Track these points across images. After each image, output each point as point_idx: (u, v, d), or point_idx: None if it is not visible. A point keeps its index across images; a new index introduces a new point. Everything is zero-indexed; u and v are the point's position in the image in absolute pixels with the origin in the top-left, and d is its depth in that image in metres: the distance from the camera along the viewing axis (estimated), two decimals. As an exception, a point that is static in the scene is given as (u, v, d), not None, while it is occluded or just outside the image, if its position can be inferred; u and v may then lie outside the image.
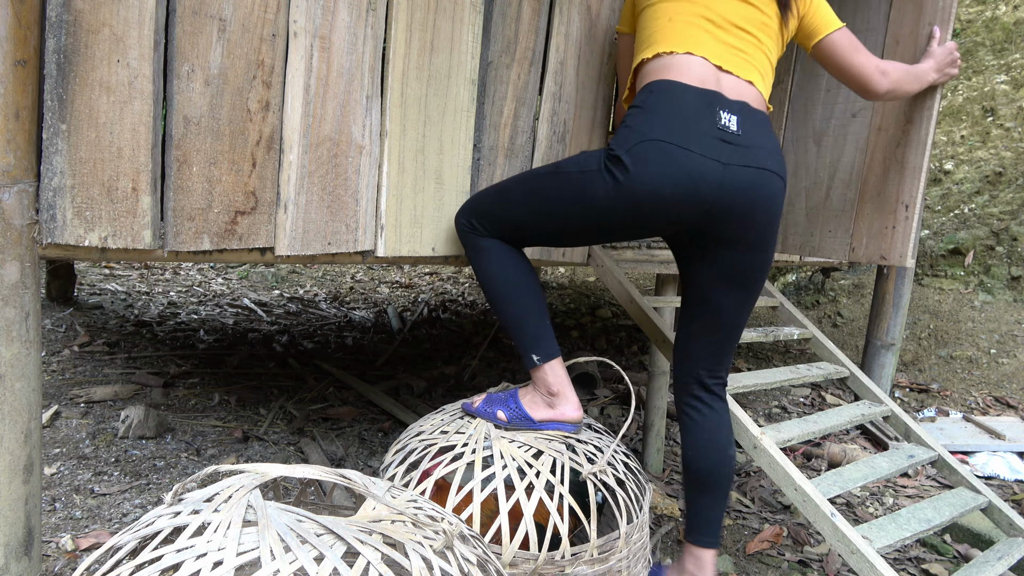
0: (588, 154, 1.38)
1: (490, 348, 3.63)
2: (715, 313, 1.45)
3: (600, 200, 1.33)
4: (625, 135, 1.32)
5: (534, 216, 1.42)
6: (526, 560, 1.23)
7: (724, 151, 1.30)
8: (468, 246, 1.51)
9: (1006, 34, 5.60)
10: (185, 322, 3.69)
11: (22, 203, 1.08)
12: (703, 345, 1.49)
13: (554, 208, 1.39)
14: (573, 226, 1.40)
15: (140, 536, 0.85)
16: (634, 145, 1.29)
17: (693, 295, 1.48)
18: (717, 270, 1.41)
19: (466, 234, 1.51)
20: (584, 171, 1.35)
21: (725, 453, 1.49)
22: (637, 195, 1.30)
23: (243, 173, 1.32)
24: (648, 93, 1.36)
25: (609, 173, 1.31)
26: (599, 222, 1.37)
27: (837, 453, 2.55)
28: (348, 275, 5.44)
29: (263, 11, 1.29)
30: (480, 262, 1.49)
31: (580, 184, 1.35)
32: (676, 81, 1.35)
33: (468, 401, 1.55)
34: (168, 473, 2.07)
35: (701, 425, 1.50)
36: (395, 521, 0.93)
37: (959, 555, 2.05)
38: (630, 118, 1.34)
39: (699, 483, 1.49)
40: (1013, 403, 3.13)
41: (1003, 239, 4.08)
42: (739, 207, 1.33)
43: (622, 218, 1.35)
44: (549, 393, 1.46)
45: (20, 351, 1.11)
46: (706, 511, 1.49)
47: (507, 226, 1.45)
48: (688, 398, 1.53)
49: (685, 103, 1.32)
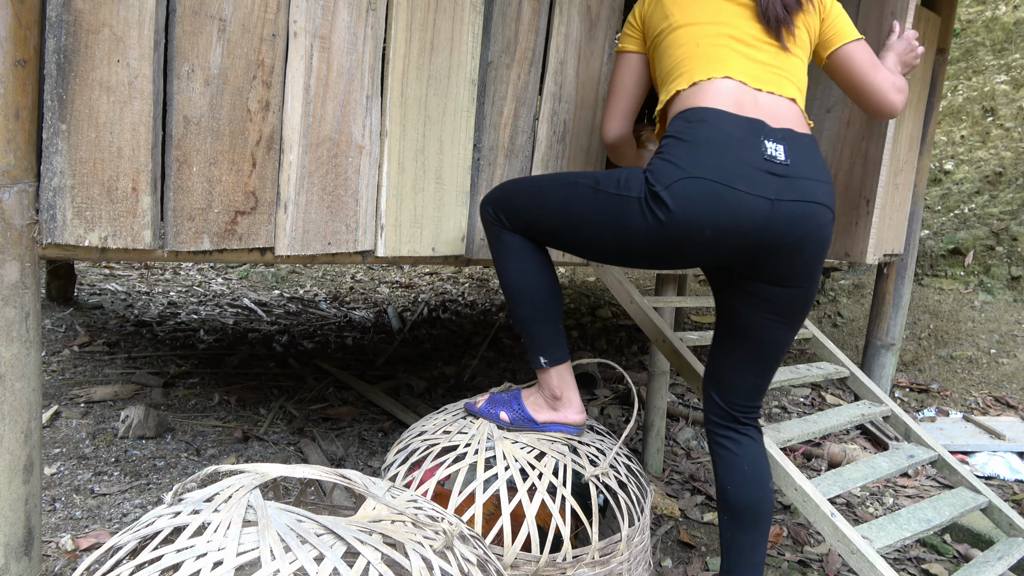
0: (630, 174, 1.28)
1: (490, 348, 3.63)
2: (759, 346, 1.38)
3: (637, 231, 1.25)
4: (665, 169, 1.22)
5: (564, 226, 1.34)
6: (527, 562, 1.23)
7: (772, 185, 1.22)
8: (491, 237, 1.45)
9: (1006, 34, 5.60)
10: (185, 322, 3.69)
11: (22, 203, 1.08)
12: (744, 379, 1.42)
13: (586, 224, 1.31)
14: (604, 247, 1.33)
15: (140, 536, 0.85)
16: (675, 182, 1.20)
17: (734, 328, 1.40)
18: (762, 304, 1.34)
19: (491, 225, 1.44)
20: (623, 196, 1.26)
21: (767, 486, 1.43)
22: (676, 234, 1.23)
23: (243, 173, 1.32)
24: (685, 123, 1.27)
25: (648, 208, 1.23)
26: (632, 250, 1.30)
27: (837, 453, 2.55)
28: (348, 275, 5.44)
29: (263, 11, 1.29)
30: (501, 256, 1.43)
31: (618, 207, 1.26)
32: (715, 108, 1.26)
33: (471, 401, 1.54)
34: (168, 473, 2.07)
35: (742, 457, 1.43)
36: (395, 521, 0.93)
37: (959, 555, 2.05)
38: (669, 149, 1.25)
39: (740, 518, 1.42)
40: (1013, 403, 3.13)
41: (1003, 239, 4.08)
42: (787, 243, 1.25)
43: (658, 253, 1.28)
44: (553, 396, 1.44)
45: (20, 351, 1.11)
46: (749, 553, 1.42)
47: (534, 228, 1.39)
48: (724, 431, 1.45)
49: (727, 132, 1.24)
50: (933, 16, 2.89)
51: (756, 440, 1.45)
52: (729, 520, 1.44)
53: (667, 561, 1.89)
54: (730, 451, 1.44)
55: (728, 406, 1.44)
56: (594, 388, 3.11)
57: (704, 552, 1.96)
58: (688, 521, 2.11)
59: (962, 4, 6.05)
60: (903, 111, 2.83)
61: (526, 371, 3.32)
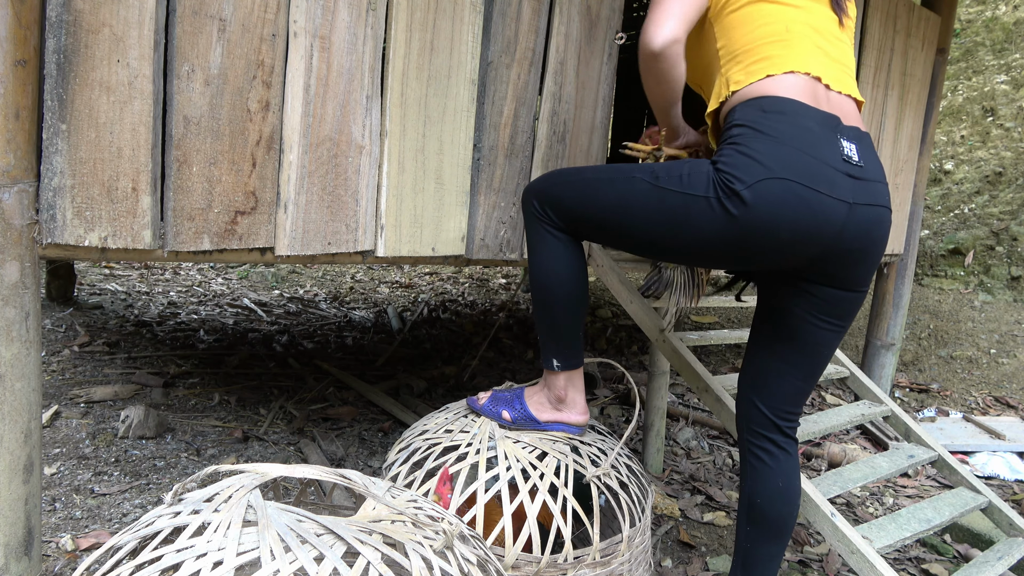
0: (692, 169, 1.20)
1: (490, 348, 3.63)
2: (811, 348, 1.33)
3: (703, 229, 1.18)
4: (745, 166, 1.14)
5: (622, 224, 1.26)
6: (528, 563, 1.23)
7: (849, 188, 1.17)
8: (532, 231, 1.38)
9: (1006, 34, 5.60)
10: (185, 322, 3.69)
11: (22, 203, 1.08)
12: (792, 383, 1.35)
13: (647, 223, 1.24)
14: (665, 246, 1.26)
15: (140, 536, 0.85)
16: (759, 182, 1.13)
17: (784, 329, 1.34)
18: (819, 306, 1.29)
19: (533, 219, 1.37)
20: (688, 194, 1.18)
21: (797, 502, 1.38)
22: (750, 234, 1.16)
23: (243, 173, 1.32)
24: (761, 112, 1.18)
25: (721, 205, 1.15)
26: (697, 248, 1.23)
27: (837, 453, 2.55)
28: (348, 275, 5.44)
29: (263, 11, 1.29)
30: (540, 254, 1.36)
31: (682, 205, 1.19)
32: (794, 100, 1.19)
33: (474, 398, 1.53)
34: (168, 473, 2.07)
35: (777, 471, 1.37)
36: (395, 521, 0.93)
37: (959, 555, 2.05)
38: (746, 141, 1.16)
39: (768, 531, 1.37)
40: (1013, 403, 3.13)
41: (1003, 239, 4.08)
42: (857, 247, 1.21)
43: (724, 252, 1.21)
44: (558, 399, 1.43)
45: (20, 351, 1.11)
46: (767, 563, 1.38)
47: (585, 225, 1.31)
48: (762, 441, 1.38)
49: (808, 128, 1.17)
50: (933, 16, 2.89)
51: (792, 454, 1.39)
52: (751, 531, 1.39)
53: (667, 561, 1.89)
54: (766, 464, 1.38)
55: (772, 413, 1.37)
56: (595, 388, 3.11)
57: (704, 552, 1.96)
58: (688, 521, 2.11)
59: (962, 4, 6.05)
60: (903, 111, 2.83)
61: (526, 371, 3.32)
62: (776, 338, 1.35)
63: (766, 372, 1.37)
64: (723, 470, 2.48)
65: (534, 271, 1.38)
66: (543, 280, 1.37)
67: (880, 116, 2.70)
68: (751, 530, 1.39)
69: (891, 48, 2.68)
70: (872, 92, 2.64)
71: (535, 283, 1.39)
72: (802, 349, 1.33)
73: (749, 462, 1.40)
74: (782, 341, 1.34)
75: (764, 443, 1.38)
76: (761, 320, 1.39)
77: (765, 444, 1.38)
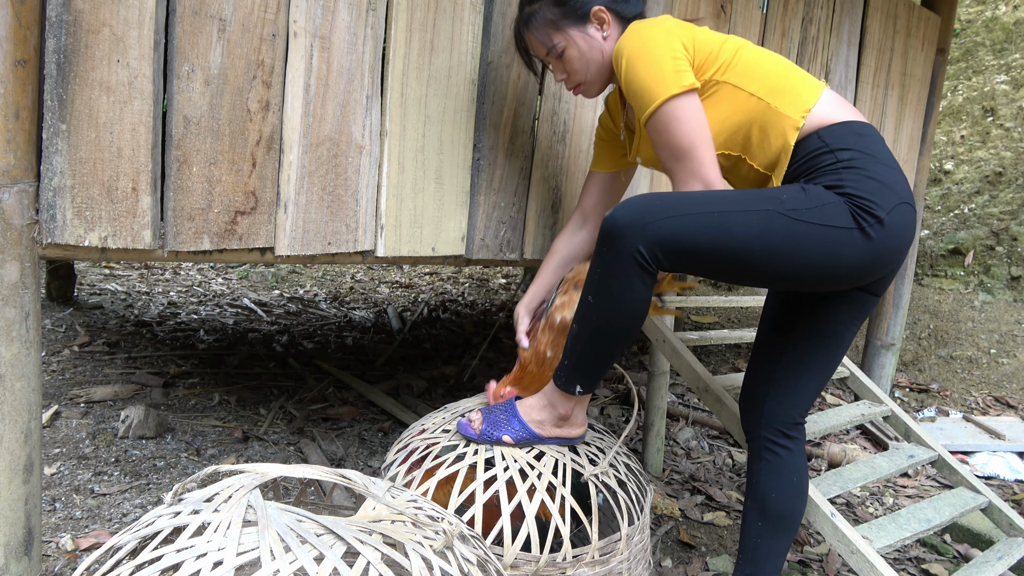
0: (825, 201, 1.19)
1: (490, 348, 3.63)
2: (837, 349, 1.39)
3: (844, 259, 1.20)
4: (879, 191, 1.19)
5: (753, 258, 1.19)
6: (527, 562, 1.23)
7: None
8: (619, 272, 1.20)
9: (1006, 34, 5.60)
10: (185, 322, 3.69)
11: (22, 203, 1.08)
12: (815, 381, 1.41)
13: (788, 259, 1.20)
14: (795, 275, 1.22)
15: (140, 536, 0.85)
16: (895, 207, 1.19)
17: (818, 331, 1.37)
18: (856, 310, 1.36)
19: (632, 265, 1.19)
20: (832, 227, 1.18)
21: (807, 494, 1.44)
22: (882, 257, 1.22)
23: (243, 173, 1.32)
24: (858, 136, 1.24)
25: (863, 233, 1.18)
26: (825, 275, 1.22)
27: (837, 453, 2.56)
28: (348, 275, 5.44)
29: (263, 11, 1.29)
30: (618, 292, 1.22)
31: (828, 239, 1.18)
32: (868, 123, 1.28)
33: (465, 423, 1.41)
34: (168, 473, 2.07)
35: (792, 466, 1.41)
36: (395, 521, 0.93)
37: (959, 555, 2.05)
38: (867, 165, 1.21)
39: (780, 525, 1.40)
40: (1013, 403, 3.13)
41: (1003, 239, 4.08)
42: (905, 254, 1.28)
43: (848, 276, 1.23)
44: (562, 417, 1.40)
45: (20, 351, 1.11)
46: (776, 557, 1.41)
47: (701, 261, 1.20)
48: (780, 437, 1.42)
49: (886, 145, 1.27)
50: (933, 16, 2.89)
51: (802, 449, 1.44)
52: (763, 527, 1.41)
53: (667, 561, 1.89)
54: (782, 459, 1.41)
55: (795, 410, 1.41)
56: (594, 388, 3.11)
57: (704, 552, 1.96)
58: (688, 521, 2.11)
59: (962, 4, 6.05)
60: (903, 111, 2.83)
61: (526, 371, 3.32)
62: (806, 338, 1.39)
63: (795, 372, 1.41)
64: (723, 470, 2.48)
65: (603, 305, 1.25)
66: (612, 315, 1.25)
67: (880, 116, 2.70)
68: (763, 525, 1.41)
69: (891, 48, 2.68)
70: (872, 92, 2.65)
71: (600, 316, 1.26)
72: (836, 350, 1.39)
73: (765, 458, 1.43)
74: (814, 341, 1.38)
75: (782, 439, 1.42)
76: (792, 323, 1.40)
77: (783, 440, 1.42)
